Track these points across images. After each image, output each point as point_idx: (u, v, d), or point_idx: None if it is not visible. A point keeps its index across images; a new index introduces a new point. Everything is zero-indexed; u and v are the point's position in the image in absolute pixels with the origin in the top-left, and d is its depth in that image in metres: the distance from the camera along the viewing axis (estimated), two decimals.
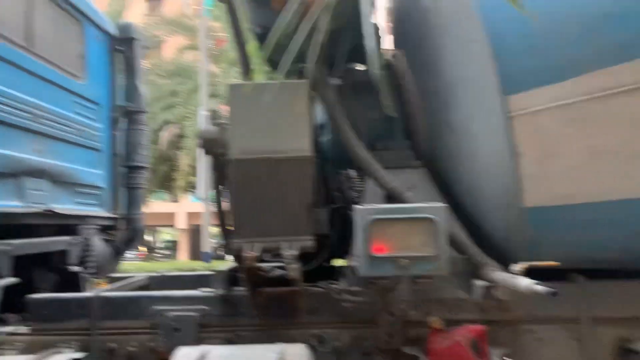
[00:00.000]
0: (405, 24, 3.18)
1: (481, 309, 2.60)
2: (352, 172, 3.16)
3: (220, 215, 2.85)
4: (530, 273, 2.55)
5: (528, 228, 2.32)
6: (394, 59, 3.11)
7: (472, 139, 2.66)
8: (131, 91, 4.70)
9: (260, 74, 3.19)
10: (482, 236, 2.83)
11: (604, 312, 2.60)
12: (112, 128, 4.58)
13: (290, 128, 2.54)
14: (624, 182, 2.11)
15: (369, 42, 2.21)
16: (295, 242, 2.52)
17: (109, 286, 3.73)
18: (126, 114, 4.68)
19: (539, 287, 2.05)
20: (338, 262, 3.10)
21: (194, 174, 15.85)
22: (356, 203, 2.60)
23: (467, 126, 2.68)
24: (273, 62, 2.74)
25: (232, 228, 2.64)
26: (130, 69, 4.70)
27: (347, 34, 2.60)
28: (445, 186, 3.10)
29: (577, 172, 2.17)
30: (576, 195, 2.20)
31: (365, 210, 2.35)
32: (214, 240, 15.36)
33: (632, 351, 2.51)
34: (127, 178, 4.67)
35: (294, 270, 2.43)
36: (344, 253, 2.76)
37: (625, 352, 2.55)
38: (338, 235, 2.88)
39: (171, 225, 29.24)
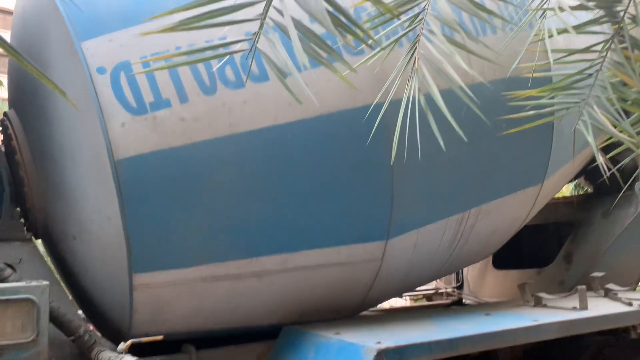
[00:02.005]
0: (22, 95, 2.88)
1: None
2: None
3: None
4: (150, 348, 2.59)
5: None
6: (5, 118, 2.79)
7: (95, 284, 2.65)
8: None
9: None
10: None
11: None
12: None
13: None
14: (221, 317, 2.77)
15: None
16: None
17: None
18: None
19: None
20: None
21: None
22: None
23: (91, 273, 2.64)
24: None
25: None
26: None
27: None
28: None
29: (185, 319, 2.67)
30: (182, 328, 2.73)
31: None
32: None
33: None
34: None
35: None
36: None
37: None
38: None
39: None
